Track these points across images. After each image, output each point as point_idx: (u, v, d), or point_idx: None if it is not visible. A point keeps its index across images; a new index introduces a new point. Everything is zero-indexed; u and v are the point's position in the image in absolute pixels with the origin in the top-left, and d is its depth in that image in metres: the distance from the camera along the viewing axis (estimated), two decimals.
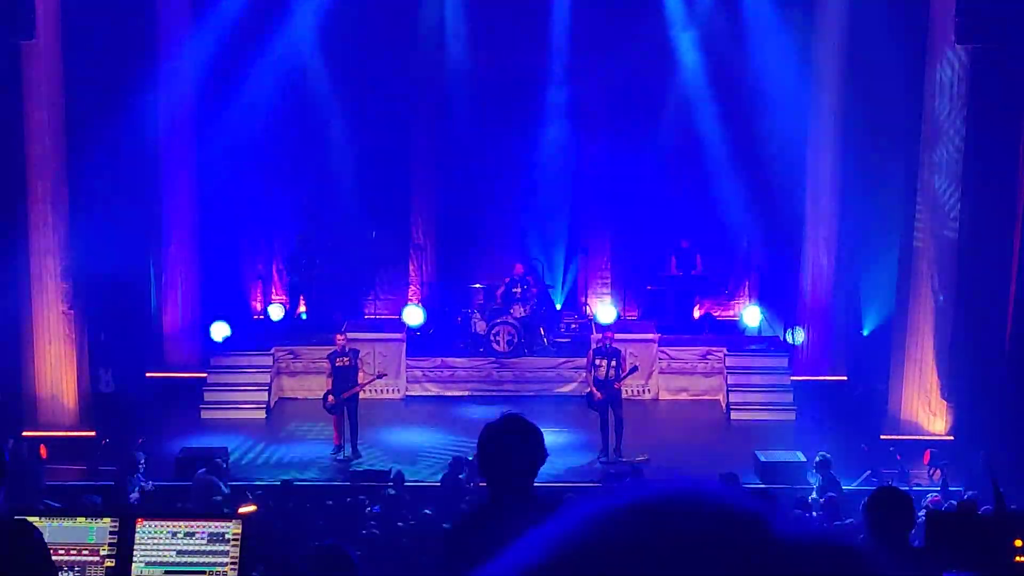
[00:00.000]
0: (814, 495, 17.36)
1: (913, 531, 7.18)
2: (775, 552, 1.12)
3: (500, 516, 4.87)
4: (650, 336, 23.89)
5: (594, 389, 20.29)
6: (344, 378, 20.49)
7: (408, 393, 23.52)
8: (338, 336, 21.04)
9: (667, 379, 23.73)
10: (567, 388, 23.28)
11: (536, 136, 25.04)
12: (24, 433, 19.89)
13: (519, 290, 23.81)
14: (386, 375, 22.55)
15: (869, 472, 19.11)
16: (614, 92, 25.30)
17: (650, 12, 24.57)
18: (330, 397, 20.47)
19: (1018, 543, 6.72)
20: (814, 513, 16.23)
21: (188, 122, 23.66)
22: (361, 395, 20.62)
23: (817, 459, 18.40)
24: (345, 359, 20.55)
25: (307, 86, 25.13)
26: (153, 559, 6.51)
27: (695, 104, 25.02)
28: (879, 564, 1.15)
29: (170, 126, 23.39)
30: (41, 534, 5.03)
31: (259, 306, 25.99)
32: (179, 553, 6.51)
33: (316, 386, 23.00)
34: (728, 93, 25.14)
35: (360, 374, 20.69)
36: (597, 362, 20.40)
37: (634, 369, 21.39)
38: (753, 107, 24.76)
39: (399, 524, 14.92)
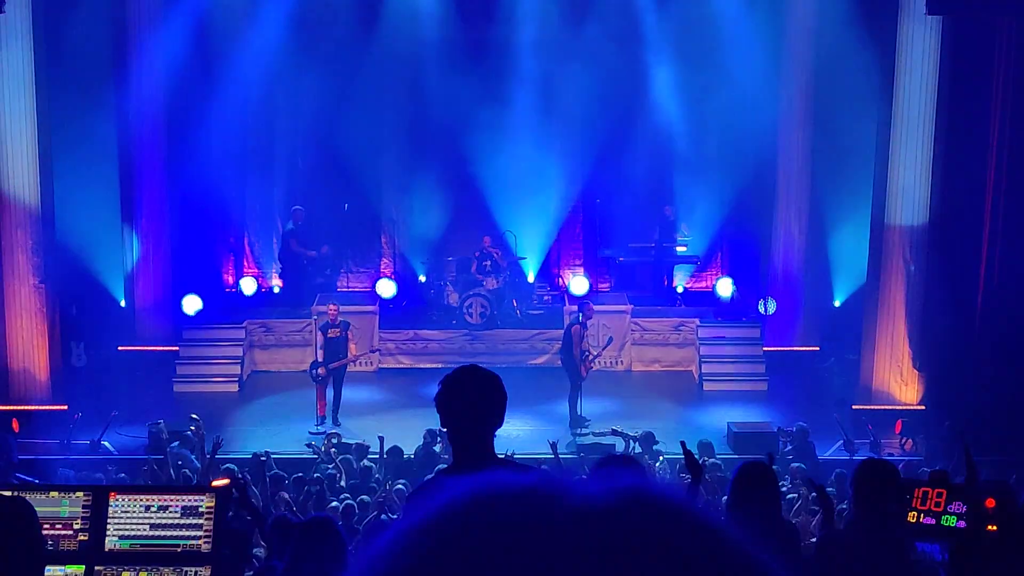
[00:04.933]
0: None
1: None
2: (571, 518, 1.12)
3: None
4: (623, 307, 23.92)
5: (584, 367, 20.48)
6: (334, 349, 20.50)
7: (381, 365, 23.51)
8: (330, 306, 21.00)
9: (640, 350, 23.78)
10: (540, 360, 23.31)
11: (509, 108, 24.96)
12: None
13: (488, 263, 23.83)
14: (379, 350, 22.69)
15: (841, 442, 19.21)
16: (587, 65, 25.24)
17: None
18: (321, 369, 20.46)
19: (990, 503, 6.76)
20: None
21: (160, 96, 23.52)
22: (333, 367, 20.57)
23: (795, 428, 18.51)
24: (336, 330, 20.55)
25: (279, 60, 24.98)
26: (126, 533, 6.50)
27: (666, 78, 24.99)
28: (685, 508, 1.15)
29: (141, 100, 23.25)
30: (34, 510, 5.02)
31: (231, 279, 25.93)
32: (153, 527, 6.50)
33: (290, 359, 23.06)
34: (698, 64, 25.11)
35: (351, 345, 20.72)
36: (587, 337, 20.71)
37: (610, 340, 21.56)
38: (723, 79, 24.74)
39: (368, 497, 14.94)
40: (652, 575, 1.08)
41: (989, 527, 6.72)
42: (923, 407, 20.70)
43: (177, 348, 23.18)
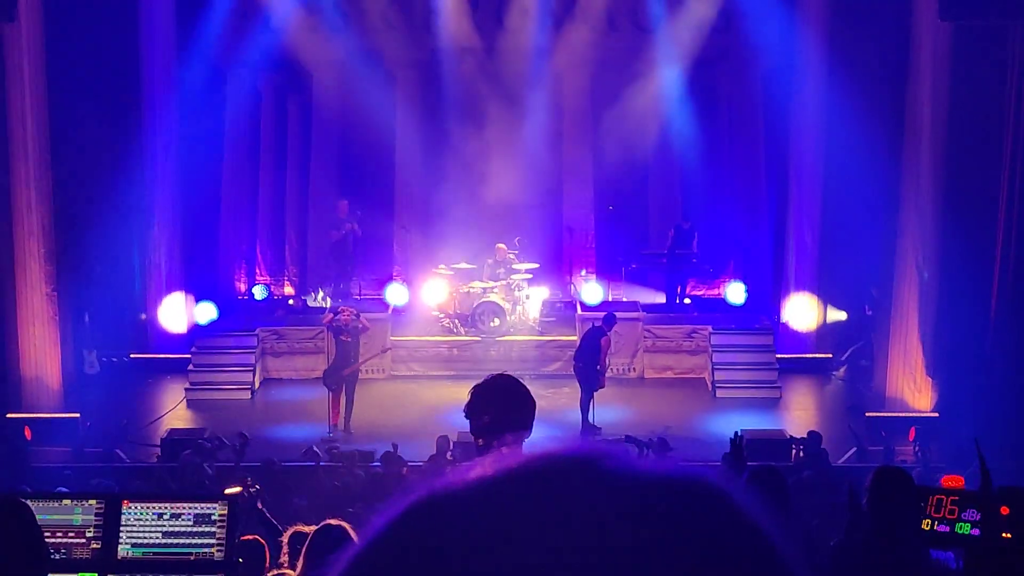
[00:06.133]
0: None
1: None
2: (608, 488, 1.11)
3: None
4: (635, 315, 23.87)
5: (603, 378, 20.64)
6: (345, 354, 20.44)
7: (393, 373, 23.46)
8: (344, 310, 20.94)
9: (652, 357, 23.70)
10: (552, 367, 23.26)
11: (521, 114, 24.98)
12: (8, 415, 19.84)
13: (502, 270, 23.81)
14: (391, 349, 22.65)
15: (855, 449, 19.16)
16: (600, 71, 25.29)
17: None
18: (324, 378, 20.49)
19: (1004, 510, 6.73)
20: None
21: (172, 104, 23.54)
22: (346, 373, 20.53)
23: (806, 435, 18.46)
24: (348, 336, 20.47)
25: (291, 67, 25.05)
26: (139, 541, 6.50)
27: (679, 82, 24.97)
28: (725, 491, 1.14)
29: (153, 108, 23.28)
30: (32, 511, 5.01)
31: (243, 287, 25.97)
32: (165, 535, 6.50)
33: (302, 366, 23.02)
34: (712, 71, 25.17)
35: (362, 320, 20.64)
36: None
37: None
38: (736, 84, 24.78)
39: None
40: (687, 554, 1.08)
41: (1004, 535, 6.68)
42: (936, 414, 20.65)
43: (190, 356, 23.19)
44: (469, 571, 1.07)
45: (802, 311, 23.80)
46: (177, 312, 23.92)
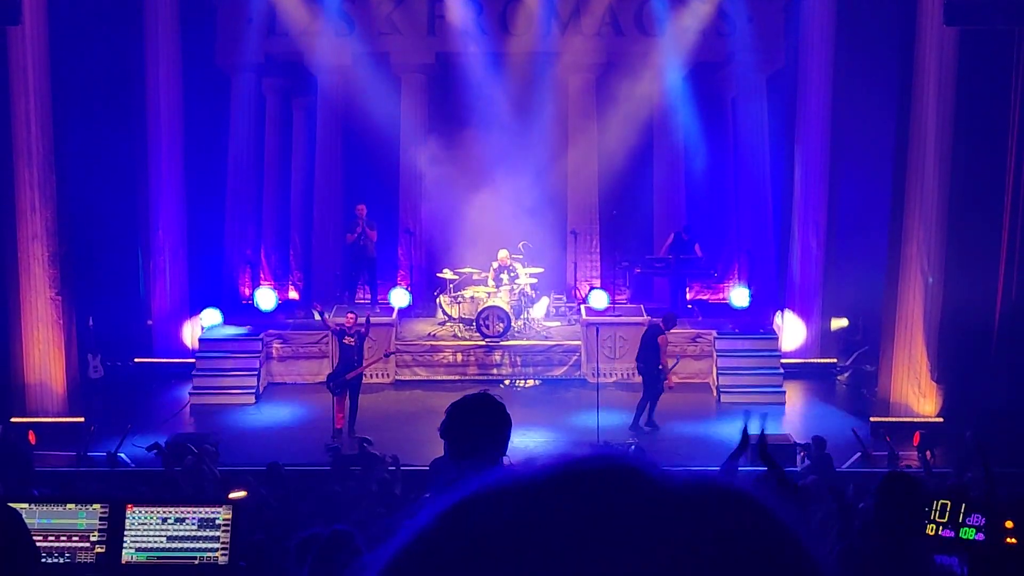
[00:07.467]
0: None
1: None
2: (652, 497, 1.11)
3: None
4: (640, 319, 23.85)
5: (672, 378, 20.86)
6: (348, 358, 20.44)
7: (398, 377, 23.45)
8: (348, 315, 20.93)
9: None
10: (558, 372, 23.26)
11: (526, 119, 24.98)
12: (12, 419, 19.81)
13: (506, 276, 23.80)
14: (394, 353, 22.62)
15: (859, 454, 19.13)
16: (602, 75, 25.30)
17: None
18: (328, 383, 20.50)
19: (1009, 524, 6.72)
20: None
21: (176, 107, 23.58)
22: (350, 377, 20.53)
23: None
24: (351, 339, 20.46)
25: (296, 71, 25.06)
26: (143, 545, 6.49)
27: (683, 85, 24.99)
28: (760, 501, 1.14)
29: (157, 111, 23.32)
30: (21, 517, 5.00)
31: (247, 291, 25.96)
32: (169, 539, 6.49)
33: (306, 370, 23.00)
34: (717, 75, 25.17)
35: (363, 334, 20.66)
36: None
37: (678, 359, 21.76)
38: (741, 88, 24.78)
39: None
40: (727, 564, 1.08)
41: (1008, 540, 6.67)
42: (941, 419, 20.61)
43: (194, 360, 23.18)
44: None
45: (795, 327, 23.85)
46: (187, 328, 24.06)
